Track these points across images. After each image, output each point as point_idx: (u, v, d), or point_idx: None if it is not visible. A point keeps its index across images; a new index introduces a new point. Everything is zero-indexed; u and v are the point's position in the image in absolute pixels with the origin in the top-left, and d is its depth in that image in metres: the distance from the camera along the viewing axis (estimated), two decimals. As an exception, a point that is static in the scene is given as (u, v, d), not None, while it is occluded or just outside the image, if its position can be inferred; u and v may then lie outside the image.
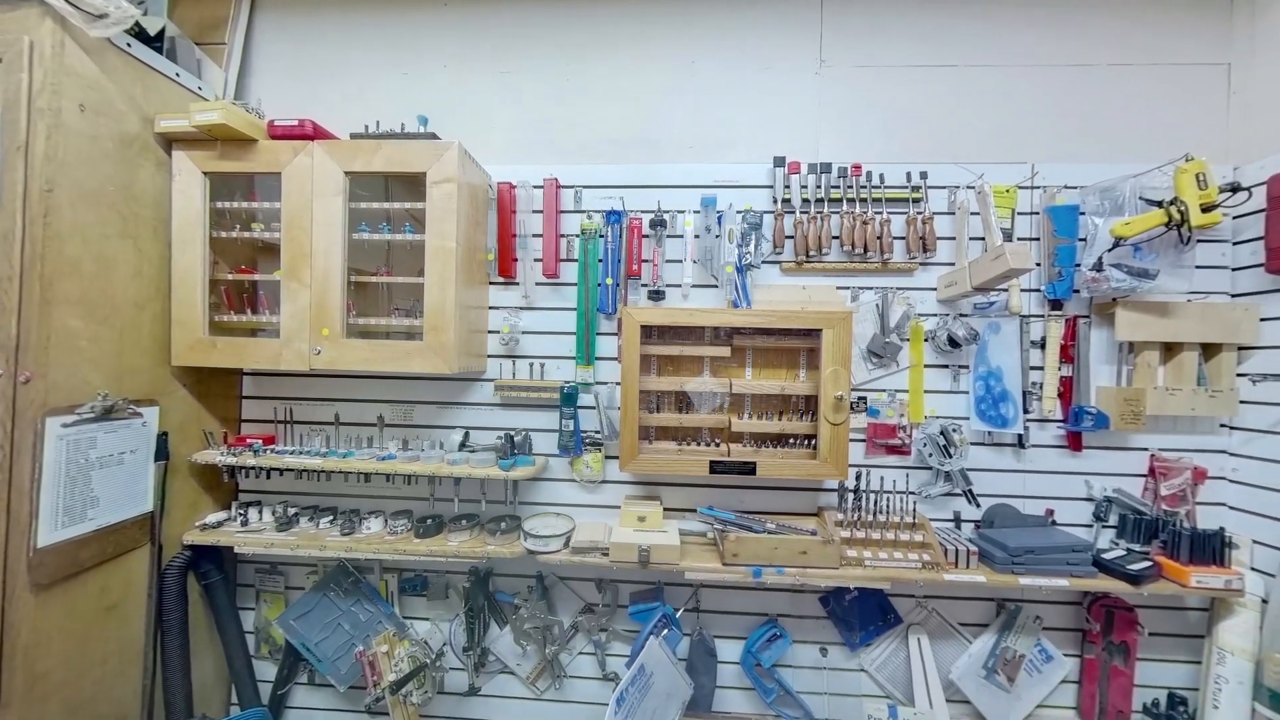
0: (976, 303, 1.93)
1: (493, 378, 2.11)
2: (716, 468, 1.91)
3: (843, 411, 1.84)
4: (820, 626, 2.03)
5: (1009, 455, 1.95)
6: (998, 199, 1.91)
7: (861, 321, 1.96)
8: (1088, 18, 2.01)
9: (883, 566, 1.83)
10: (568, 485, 2.10)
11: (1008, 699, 1.92)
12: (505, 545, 1.95)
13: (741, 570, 1.83)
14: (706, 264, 2.01)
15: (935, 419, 1.95)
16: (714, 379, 2.02)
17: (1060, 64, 2.00)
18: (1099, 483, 1.95)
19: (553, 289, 2.11)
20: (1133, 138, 2.00)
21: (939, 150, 1.99)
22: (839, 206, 1.99)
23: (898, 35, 2.03)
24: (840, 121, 2.03)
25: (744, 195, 2.04)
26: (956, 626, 1.97)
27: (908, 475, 1.96)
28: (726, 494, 2.05)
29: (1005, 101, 2.00)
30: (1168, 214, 1.82)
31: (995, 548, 1.81)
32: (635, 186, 2.08)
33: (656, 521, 1.97)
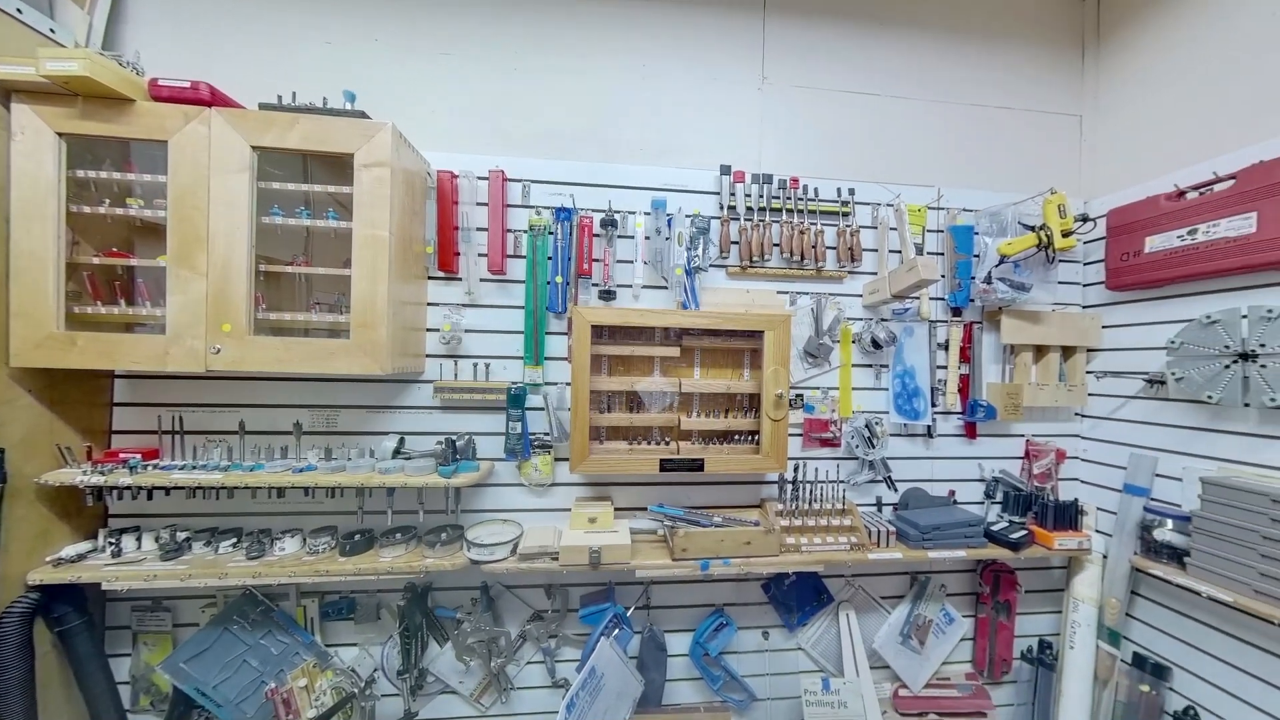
0: (895, 309, 1.82)
1: (432, 379, 1.65)
2: (667, 465, 1.61)
3: (782, 408, 1.62)
4: (762, 611, 1.81)
5: (920, 444, 1.86)
6: (912, 217, 1.81)
7: (799, 324, 1.77)
8: (980, 62, 1.97)
9: (817, 551, 1.66)
10: (515, 490, 1.69)
11: (919, 660, 1.81)
12: (446, 557, 1.52)
13: (690, 564, 1.56)
14: (657, 265, 1.71)
15: (861, 414, 1.82)
16: (664, 378, 1.72)
17: (961, 102, 1.95)
18: (989, 465, 1.92)
19: (499, 286, 1.69)
20: (1014, 171, 1.99)
21: (865, 169, 1.86)
22: (779, 216, 1.78)
23: (831, 61, 1.86)
24: (780, 136, 1.83)
25: (693, 200, 1.77)
26: (878, 600, 1.84)
27: (838, 465, 1.80)
28: (676, 491, 1.76)
29: (918, 130, 1.91)
30: (1038, 237, 1.80)
31: (910, 527, 1.72)
32: (586, 185, 1.72)
33: (608, 522, 1.63)
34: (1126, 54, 1.95)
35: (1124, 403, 1.86)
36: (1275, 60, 1.53)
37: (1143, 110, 1.89)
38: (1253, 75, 1.56)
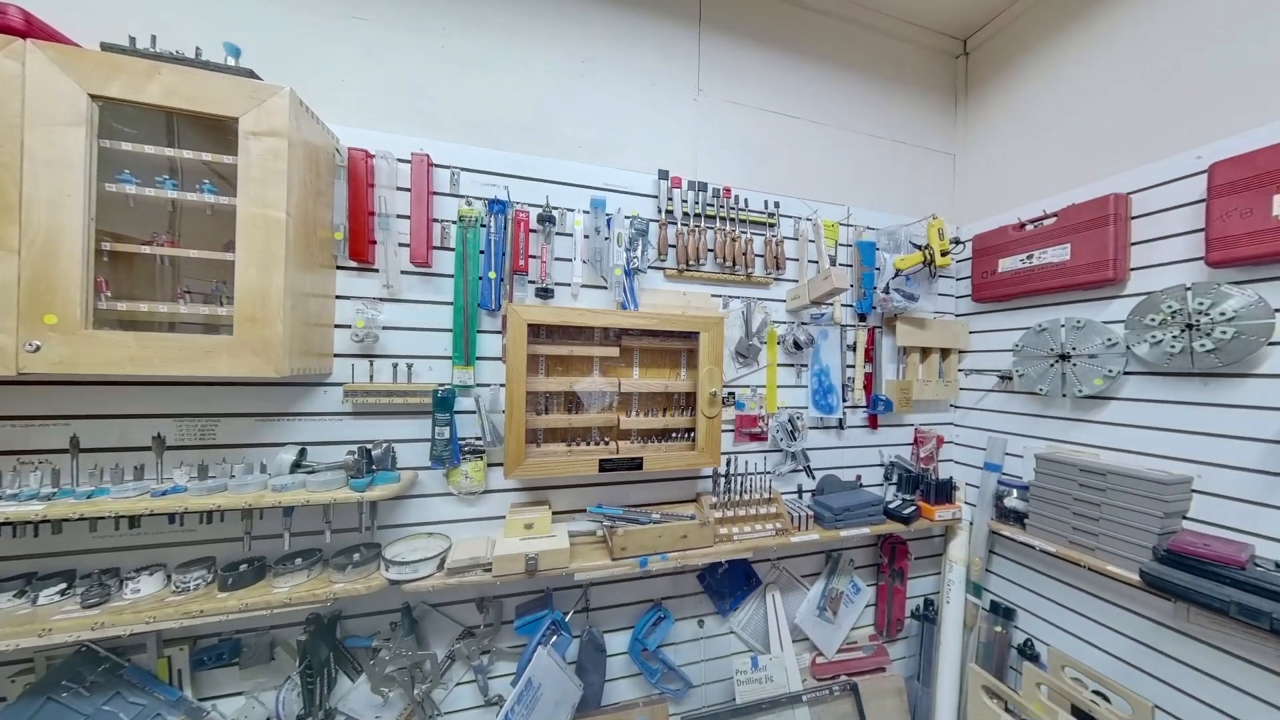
0: (813, 314, 1.77)
1: (341, 381, 1.27)
2: (606, 465, 1.41)
3: (716, 406, 1.48)
4: (698, 601, 1.66)
5: (834, 435, 1.84)
6: (827, 231, 1.77)
7: (731, 326, 1.65)
8: (879, 100, 2.02)
9: (747, 539, 1.57)
10: (443, 500, 1.38)
11: (833, 628, 1.78)
12: (360, 580, 1.19)
13: (630, 562, 1.39)
14: (596, 265, 1.48)
15: (785, 409, 1.75)
16: (604, 378, 1.50)
17: (864, 133, 1.96)
18: (887, 451, 1.95)
19: (424, 280, 1.36)
20: (906, 196, 2.04)
21: (788, 185, 1.79)
22: (713, 223, 1.63)
23: (758, 82, 1.78)
24: (714, 146, 1.69)
25: (631, 201, 1.57)
26: (799, 579, 1.78)
27: (765, 458, 1.71)
28: (616, 490, 1.55)
29: (831, 154, 1.89)
30: (923, 255, 1.84)
31: (825, 510, 1.70)
32: (522, 177, 1.45)
33: (545, 526, 1.37)
34: (986, 107, 2.08)
35: (984, 395, 1.96)
36: (1082, 122, 1.74)
37: (998, 155, 2.02)
38: (1068, 133, 1.74)
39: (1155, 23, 1.53)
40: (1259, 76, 1.28)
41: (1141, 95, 1.55)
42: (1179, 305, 1.28)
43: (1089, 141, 1.69)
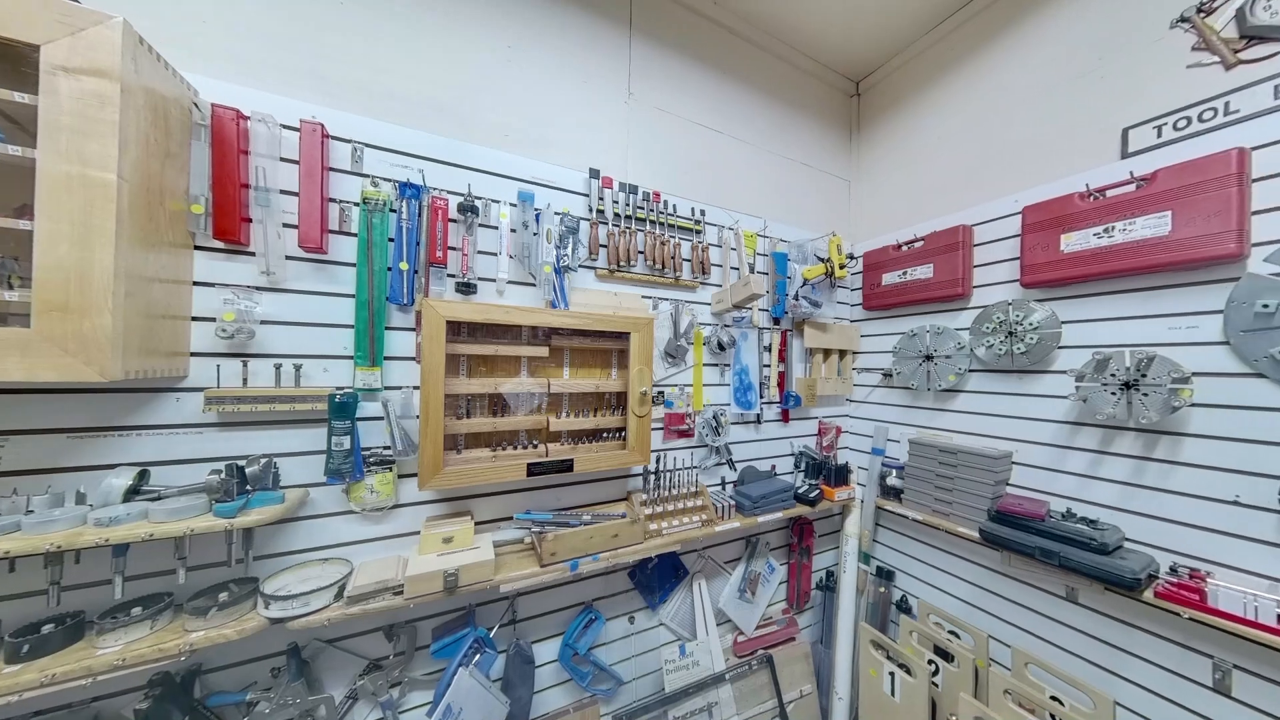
0: (735, 316, 1.70)
1: (202, 386, 0.90)
2: (535, 469, 1.19)
3: (646, 405, 1.33)
4: (629, 598, 1.50)
5: (753, 429, 1.78)
6: (747, 240, 1.69)
7: (660, 327, 1.51)
8: (791, 125, 2.01)
9: (675, 532, 1.45)
10: (342, 520, 1.06)
11: (752, 608, 1.71)
12: (229, 623, 0.88)
13: (560, 567, 1.20)
14: (523, 261, 1.24)
15: (710, 406, 1.65)
16: (533, 379, 1.27)
17: (779, 154, 1.93)
18: (797, 442, 1.94)
19: (317, 268, 1.03)
20: (813, 214, 2.04)
21: (713, 195, 1.69)
22: (644, 226, 1.46)
23: (686, 93, 1.66)
24: (645, 151, 1.53)
25: (561, 198, 1.35)
26: (722, 565, 1.69)
27: (692, 453, 1.60)
28: (545, 494, 1.33)
29: (751, 170, 1.82)
30: (826, 267, 1.83)
31: (745, 499, 1.62)
32: (440, 161, 1.17)
33: (467, 539, 1.12)
34: (873, 143, 2.15)
35: (872, 390, 2.01)
36: (942, 164, 1.89)
37: (883, 184, 2.09)
38: (933, 171, 1.90)
39: (988, 94, 1.72)
40: (1057, 142, 1.49)
41: (981, 147, 1.71)
42: (1004, 317, 1.42)
43: (947, 180, 1.78)
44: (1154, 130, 1.28)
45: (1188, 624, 1.11)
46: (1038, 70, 1.55)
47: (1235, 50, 1.16)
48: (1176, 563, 1.16)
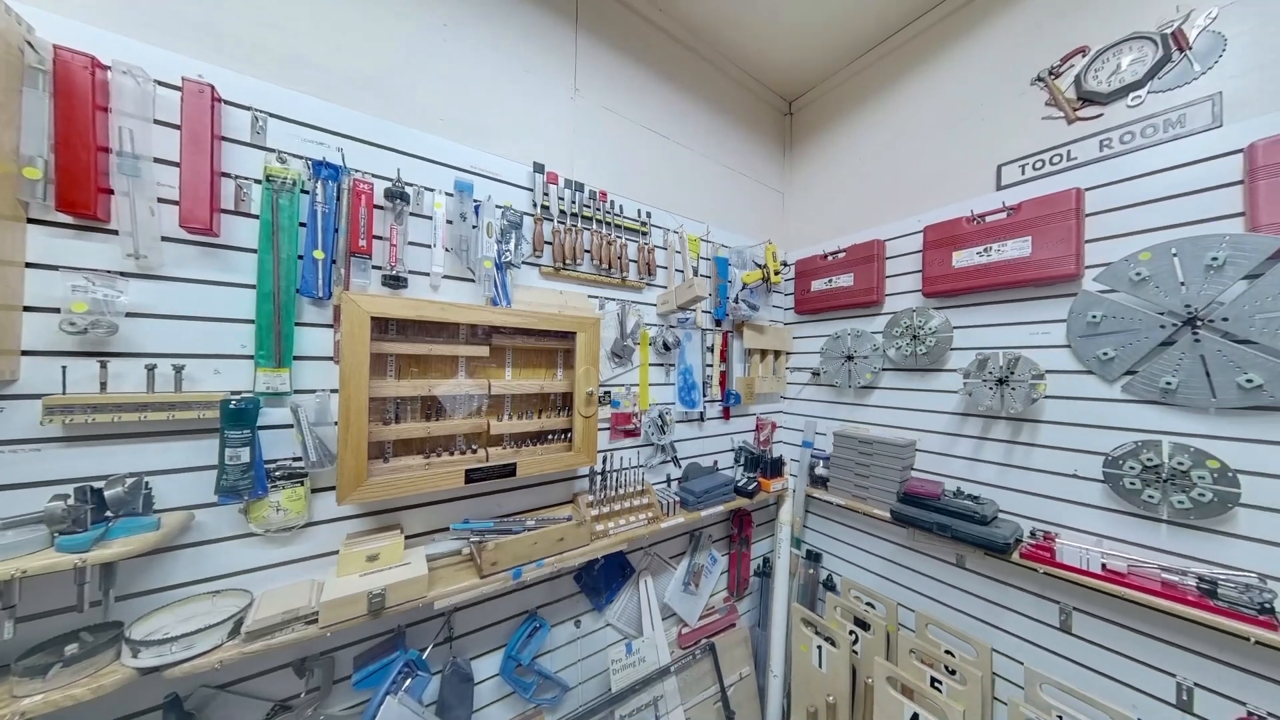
0: (679, 317, 1.74)
1: (39, 392, 0.72)
2: (474, 476, 1.12)
3: (593, 405, 1.32)
4: (574, 602, 1.47)
5: (696, 427, 1.83)
6: (691, 244, 1.73)
7: (607, 327, 1.51)
8: (733, 135, 2.10)
9: (622, 531, 1.46)
10: (240, 545, 0.92)
11: (695, 599, 1.76)
12: (78, 681, 0.73)
13: (502, 576, 1.14)
14: (461, 255, 1.17)
15: (656, 405, 1.66)
16: (472, 380, 1.19)
17: (720, 163, 2.00)
18: (737, 438, 2.03)
19: (205, 253, 0.88)
20: (752, 221, 2.15)
21: (659, 198, 1.72)
22: (590, 224, 1.44)
23: (632, 95, 1.66)
24: (591, 149, 1.51)
25: (504, 191, 1.29)
26: (667, 560, 1.72)
27: (638, 452, 1.61)
28: (486, 502, 1.26)
29: (695, 175, 1.87)
30: (762, 273, 1.93)
31: (689, 495, 1.67)
32: (364, 141, 1.06)
33: (396, 554, 1.02)
34: (804, 160, 2.32)
35: (803, 387, 2.17)
36: (860, 183, 2.08)
37: (810, 198, 2.26)
38: (854, 189, 2.11)
39: (898, 124, 1.92)
40: (950, 172, 1.71)
41: (892, 171, 1.92)
42: (909, 322, 1.62)
43: (865, 198, 1.98)
44: (1019, 168, 1.51)
45: (1043, 577, 1.33)
46: (937, 107, 1.77)
47: (1074, 108, 1.41)
48: (1035, 528, 1.38)
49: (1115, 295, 1.26)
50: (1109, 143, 1.32)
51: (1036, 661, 1.37)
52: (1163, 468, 1.08)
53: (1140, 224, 1.22)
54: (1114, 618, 1.14)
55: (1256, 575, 0.97)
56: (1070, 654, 1.32)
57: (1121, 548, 1.21)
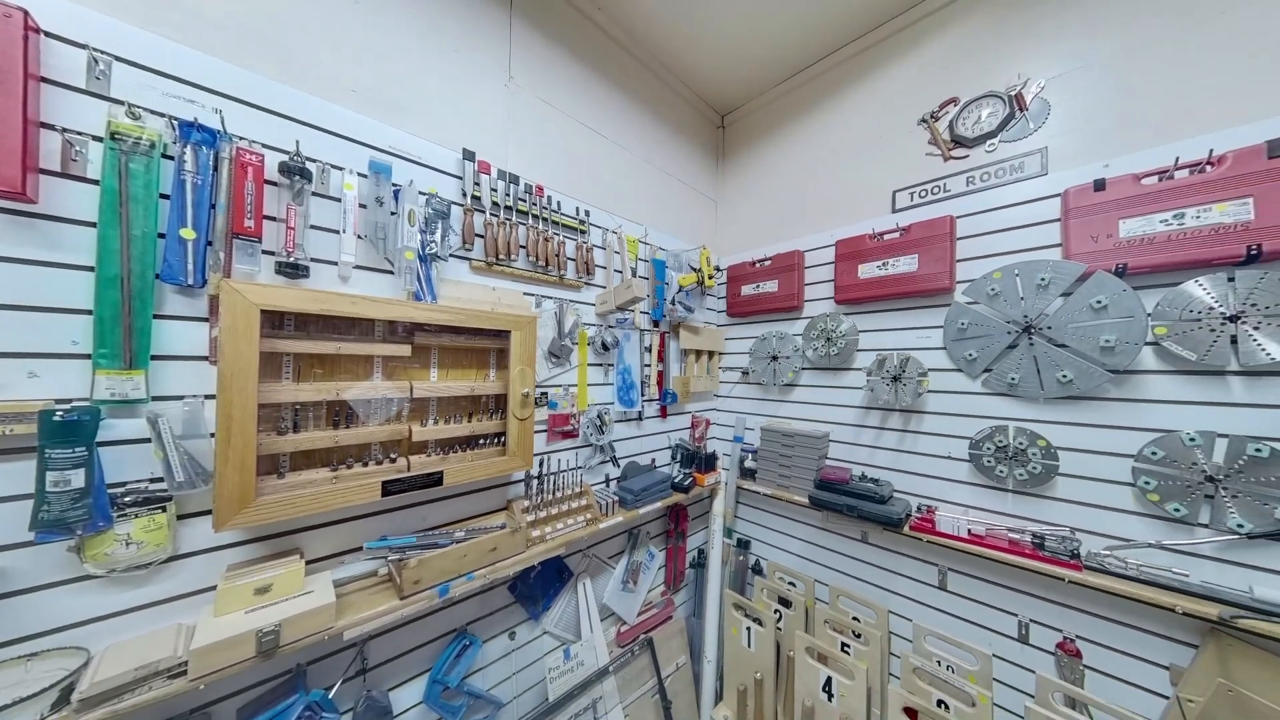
0: (618, 318, 1.74)
1: None
2: (393, 487, 1.03)
3: (529, 407, 1.28)
4: (509, 614, 1.40)
5: (634, 425, 1.85)
6: (630, 246, 1.76)
7: (544, 326, 1.46)
8: (670, 142, 2.16)
9: (560, 535, 1.44)
10: (71, 591, 0.73)
11: (634, 597, 1.78)
12: None
13: (427, 595, 1.06)
14: (377, 243, 1.05)
15: (595, 406, 1.65)
16: (390, 382, 1.09)
17: (660, 168, 2.04)
18: (674, 436, 2.09)
19: (15, 223, 0.71)
20: (689, 226, 2.22)
21: (597, 197, 1.71)
22: (526, 219, 1.38)
23: (572, 91, 1.63)
24: (528, 141, 1.46)
25: (429, 177, 1.19)
26: (606, 561, 1.72)
27: (577, 453, 1.58)
28: (409, 515, 1.15)
29: (634, 177, 1.89)
30: (697, 276, 2.02)
31: (628, 493, 1.69)
32: (253, 105, 0.91)
33: (294, 583, 0.90)
34: (735, 171, 2.45)
35: (734, 386, 2.29)
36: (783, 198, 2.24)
37: (740, 208, 2.40)
38: (777, 203, 2.28)
39: (817, 146, 2.11)
40: (858, 193, 1.92)
41: (811, 188, 2.12)
42: (824, 326, 1.79)
43: (788, 211, 2.15)
44: (909, 195, 1.74)
45: (926, 545, 1.55)
46: (847, 135, 1.97)
47: (949, 148, 1.66)
48: (920, 503, 1.61)
49: (977, 306, 1.51)
50: (974, 179, 1.57)
51: (922, 617, 1.59)
52: (1009, 447, 1.31)
53: (995, 248, 1.48)
54: (976, 573, 1.36)
55: (1069, 529, 1.21)
56: (946, 608, 1.55)
57: (982, 515, 1.46)
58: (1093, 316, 1.20)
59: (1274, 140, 1.04)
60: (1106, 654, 1.15)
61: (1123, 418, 1.14)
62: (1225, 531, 1.06)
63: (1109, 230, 1.24)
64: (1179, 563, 1.06)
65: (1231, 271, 1.03)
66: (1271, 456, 0.97)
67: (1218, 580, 1.00)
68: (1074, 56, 1.29)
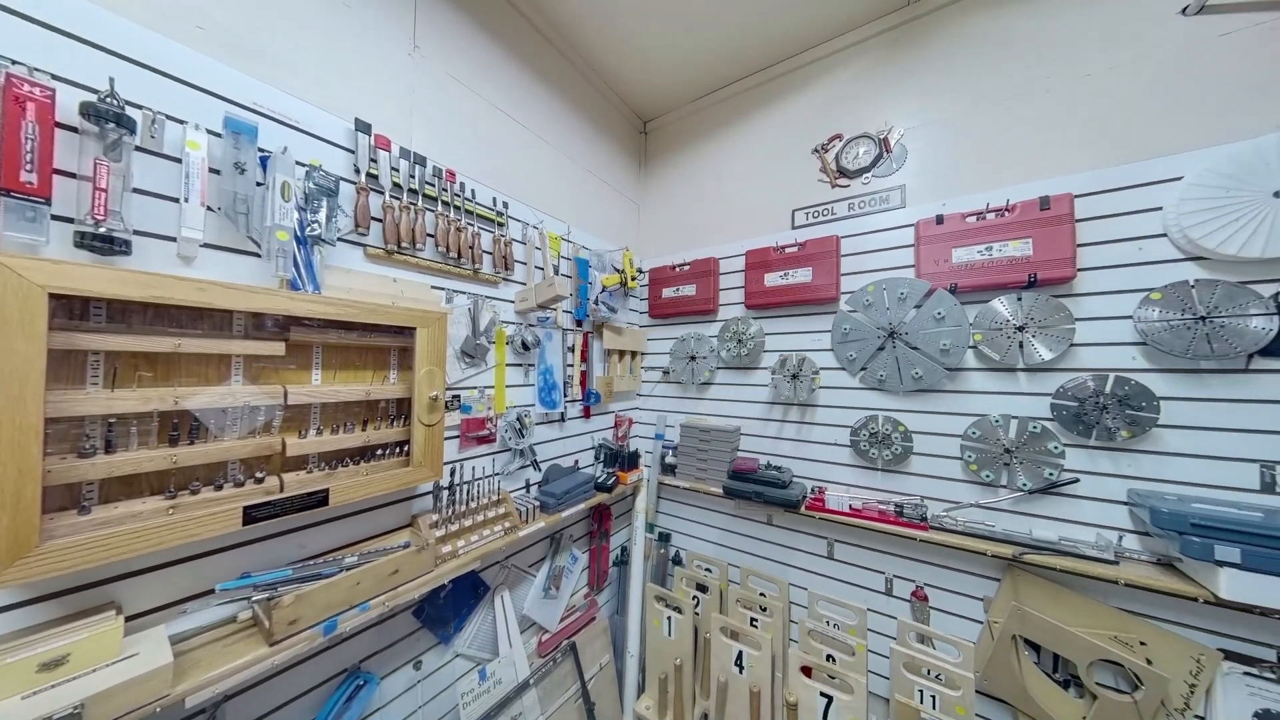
0: (540, 316, 1.69)
1: None
2: (259, 513, 0.87)
3: (437, 411, 1.19)
4: (414, 641, 1.28)
5: (557, 427, 1.81)
6: (551, 242, 1.73)
7: (456, 323, 1.36)
8: (596, 140, 2.14)
9: (475, 548, 1.36)
10: None
11: (556, 603, 1.76)
12: None
13: (308, 635, 0.93)
14: (235, 218, 0.89)
15: (513, 408, 1.57)
16: (256, 387, 0.92)
17: (584, 167, 2.02)
18: (597, 435, 2.09)
19: None
20: (612, 227, 2.24)
21: (518, 190, 1.64)
22: (435, 205, 1.27)
23: (489, 75, 1.54)
24: (437, 120, 1.34)
25: (311, 147, 1.03)
26: (526, 569, 1.67)
27: (494, 459, 1.51)
28: (283, 543, 0.98)
29: (557, 173, 1.85)
30: (620, 277, 2.06)
31: (550, 497, 1.67)
32: (34, 20, 0.68)
33: (107, 648, 0.72)
34: (656, 177, 2.53)
35: (655, 385, 2.37)
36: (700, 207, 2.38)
37: (661, 213, 2.49)
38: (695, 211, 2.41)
39: (729, 162, 2.28)
40: (763, 209, 2.12)
41: (725, 201, 2.28)
42: (736, 328, 1.97)
43: (705, 220, 2.30)
44: (806, 214, 1.97)
45: (818, 521, 1.77)
46: (757, 154, 2.15)
47: (835, 177, 1.91)
48: (814, 485, 1.83)
49: (856, 314, 1.77)
50: (854, 206, 1.83)
51: (816, 585, 1.81)
52: (879, 433, 1.56)
53: (870, 266, 1.75)
54: (855, 541, 1.59)
55: (920, 497, 1.48)
56: (834, 574, 1.78)
57: (859, 491, 1.71)
58: (935, 325, 1.48)
59: (1043, 196, 1.40)
60: (945, 595, 1.42)
61: (955, 405, 1.43)
62: (1016, 490, 1.39)
63: (946, 256, 1.56)
64: (988, 517, 1.35)
65: (1019, 293, 1.35)
66: (1043, 432, 1.30)
67: (1012, 527, 1.29)
68: (922, 113, 1.59)
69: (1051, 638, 1.31)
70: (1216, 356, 1.14)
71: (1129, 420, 1.24)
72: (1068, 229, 1.36)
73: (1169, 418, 1.16)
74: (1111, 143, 1.32)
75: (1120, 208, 1.30)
